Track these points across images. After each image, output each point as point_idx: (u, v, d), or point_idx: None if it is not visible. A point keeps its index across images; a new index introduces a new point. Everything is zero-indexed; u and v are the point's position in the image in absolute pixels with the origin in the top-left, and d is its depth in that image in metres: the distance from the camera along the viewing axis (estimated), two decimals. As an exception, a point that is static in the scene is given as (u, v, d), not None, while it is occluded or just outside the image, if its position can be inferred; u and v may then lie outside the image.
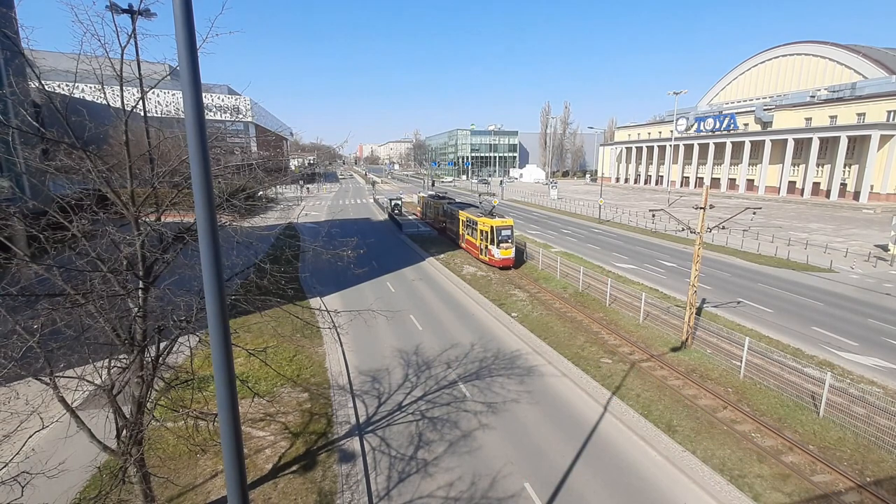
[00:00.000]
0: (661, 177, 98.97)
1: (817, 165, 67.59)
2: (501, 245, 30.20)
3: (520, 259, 33.31)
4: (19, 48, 7.09)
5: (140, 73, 7.75)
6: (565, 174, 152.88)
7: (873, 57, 70.98)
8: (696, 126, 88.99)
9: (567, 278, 27.94)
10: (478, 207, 37.56)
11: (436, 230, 46.20)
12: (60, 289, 7.28)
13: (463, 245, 36.63)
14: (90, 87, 8.48)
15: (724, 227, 23.57)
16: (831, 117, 68.56)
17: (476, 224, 32.51)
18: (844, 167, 64.38)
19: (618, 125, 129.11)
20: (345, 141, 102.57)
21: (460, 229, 36.89)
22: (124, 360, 7.98)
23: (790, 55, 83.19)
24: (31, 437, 7.53)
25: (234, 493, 3.68)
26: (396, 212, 54.67)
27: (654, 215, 38.72)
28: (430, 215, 49.30)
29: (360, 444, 12.55)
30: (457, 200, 47.09)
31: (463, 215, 36.18)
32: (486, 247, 31.02)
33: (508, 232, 30.54)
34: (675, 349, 18.15)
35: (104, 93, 7.67)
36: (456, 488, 10.95)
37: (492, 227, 30.28)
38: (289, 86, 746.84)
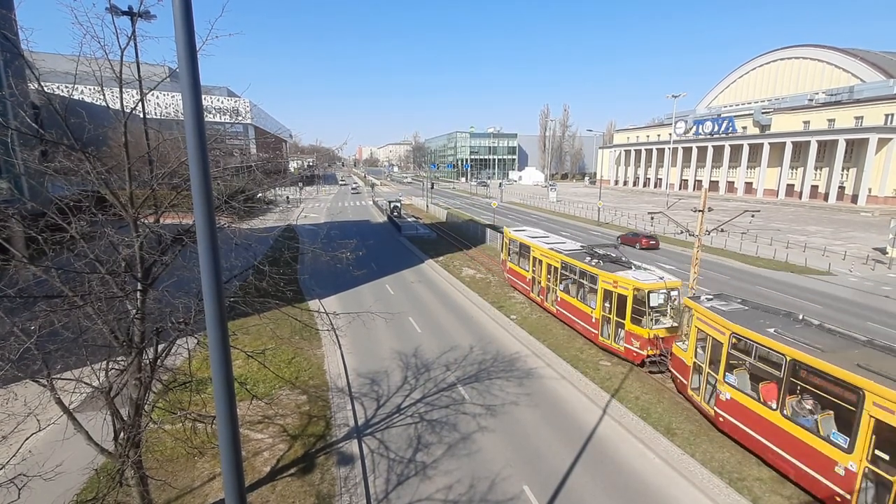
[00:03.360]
0: (660, 179, 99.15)
1: (815, 168, 67.80)
2: None
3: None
4: (19, 50, 7.09)
5: (139, 75, 7.75)
6: (564, 176, 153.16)
7: (871, 60, 71.35)
8: (694, 129, 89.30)
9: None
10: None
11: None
12: (58, 290, 7.26)
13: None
14: (89, 89, 8.46)
15: (722, 230, 23.62)
16: (829, 120, 68.86)
17: None
18: (842, 170, 64.60)
19: (617, 128, 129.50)
20: (344, 143, 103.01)
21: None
22: (122, 362, 7.96)
23: (788, 59, 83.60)
24: (27, 439, 7.49)
25: (232, 496, 3.67)
26: (396, 214, 54.62)
27: (652, 218, 38.82)
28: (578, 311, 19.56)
29: (359, 447, 12.52)
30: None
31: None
32: None
33: None
34: (673, 352, 18.04)
35: (103, 94, 7.65)
36: (455, 491, 10.93)
37: None
38: (288, 87, 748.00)
